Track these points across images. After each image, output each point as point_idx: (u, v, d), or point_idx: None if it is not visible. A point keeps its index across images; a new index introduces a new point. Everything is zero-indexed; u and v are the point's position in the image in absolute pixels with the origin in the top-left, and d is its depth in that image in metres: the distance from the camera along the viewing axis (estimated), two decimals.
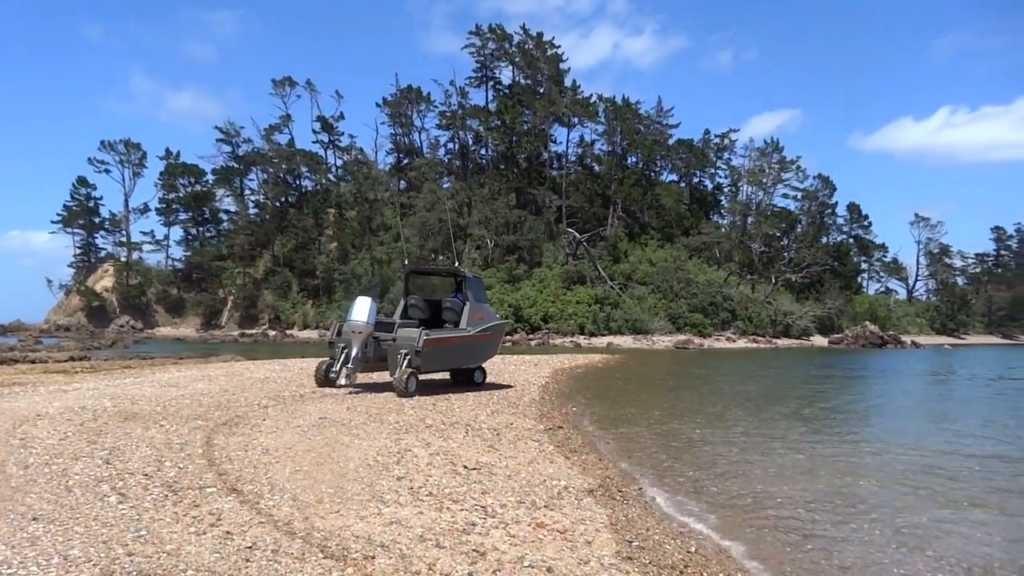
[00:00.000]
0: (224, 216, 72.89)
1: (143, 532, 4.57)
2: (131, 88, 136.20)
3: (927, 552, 5.29)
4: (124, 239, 72.52)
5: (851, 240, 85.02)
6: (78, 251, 73.04)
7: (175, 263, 72.20)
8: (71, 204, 71.48)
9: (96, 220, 72.85)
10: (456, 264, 19.44)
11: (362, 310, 12.27)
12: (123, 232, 73.15)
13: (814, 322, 59.85)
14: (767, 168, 78.34)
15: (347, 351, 12.27)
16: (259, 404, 10.69)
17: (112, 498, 5.34)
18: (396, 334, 12.66)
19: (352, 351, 12.17)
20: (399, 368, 12.10)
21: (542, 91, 68.77)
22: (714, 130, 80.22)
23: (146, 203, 72.59)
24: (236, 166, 71.53)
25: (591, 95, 70.17)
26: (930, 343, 63.07)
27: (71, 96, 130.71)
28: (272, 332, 58.98)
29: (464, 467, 6.83)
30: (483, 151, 72.55)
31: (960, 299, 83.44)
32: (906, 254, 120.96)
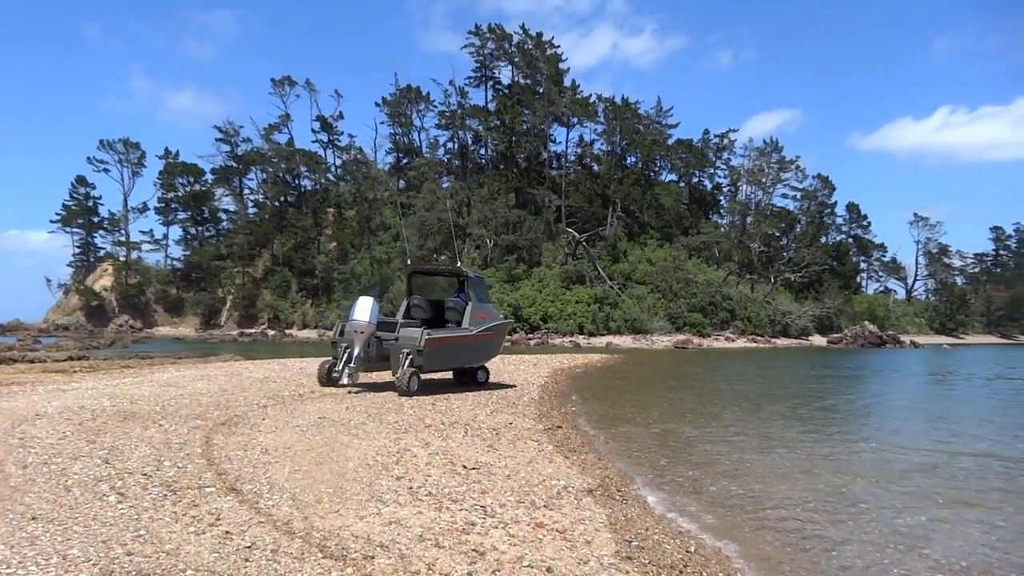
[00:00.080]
0: (223, 215, 73.04)
1: (142, 532, 4.57)
2: (130, 87, 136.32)
3: (926, 552, 5.29)
4: (123, 238, 72.64)
5: (850, 240, 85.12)
6: (77, 250, 73.10)
7: (174, 262, 72.31)
8: (70, 203, 71.48)
9: (95, 219, 72.79)
10: (458, 264, 19.46)
11: (364, 310, 12.39)
12: (122, 231, 73.27)
13: (813, 322, 59.93)
14: (766, 168, 78.39)
15: (349, 350, 12.39)
16: (258, 404, 10.69)
17: (111, 498, 5.33)
18: (398, 333, 12.74)
19: (355, 350, 12.30)
20: (401, 367, 12.18)
21: (541, 91, 68.75)
22: (713, 130, 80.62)
23: (145, 202, 72.82)
24: (235, 165, 71.54)
25: (590, 95, 70.41)
26: (929, 343, 63.12)
27: (70, 95, 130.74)
28: (271, 332, 59.02)
29: (463, 467, 6.83)
30: (482, 151, 72.64)
31: (959, 299, 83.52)
32: (905, 254, 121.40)
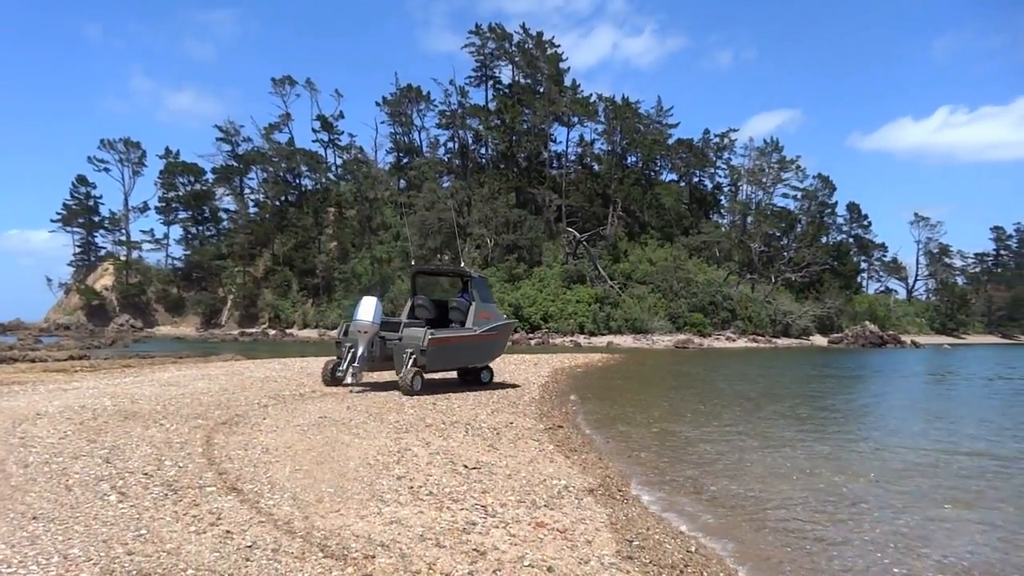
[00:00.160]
0: (224, 215, 72.99)
1: (143, 531, 4.57)
2: (130, 87, 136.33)
3: (926, 552, 5.29)
4: (124, 238, 72.61)
5: (851, 240, 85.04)
6: (78, 250, 73.09)
7: (175, 262, 72.27)
8: (71, 203, 71.43)
9: (96, 219, 72.76)
10: (461, 264, 19.49)
11: (368, 310, 12.48)
12: (123, 231, 73.24)
13: (814, 322, 59.87)
14: (767, 168, 78.35)
15: (353, 350, 12.46)
16: (259, 403, 10.69)
17: (112, 497, 5.34)
18: (402, 333, 12.79)
19: (358, 350, 12.37)
20: (405, 367, 12.23)
21: (542, 90, 68.71)
22: (714, 130, 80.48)
23: (146, 202, 72.73)
24: (236, 165, 71.46)
25: (591, 95, 70.31)
26: (930, 343, 63.05)
27: (70, 95, 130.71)
28: (272, 331, 58.99)
29: (464, 466, 6.83)
30: (483, 150, 72.58)
31: (959, 299, 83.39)
32: (906, 254, 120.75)
